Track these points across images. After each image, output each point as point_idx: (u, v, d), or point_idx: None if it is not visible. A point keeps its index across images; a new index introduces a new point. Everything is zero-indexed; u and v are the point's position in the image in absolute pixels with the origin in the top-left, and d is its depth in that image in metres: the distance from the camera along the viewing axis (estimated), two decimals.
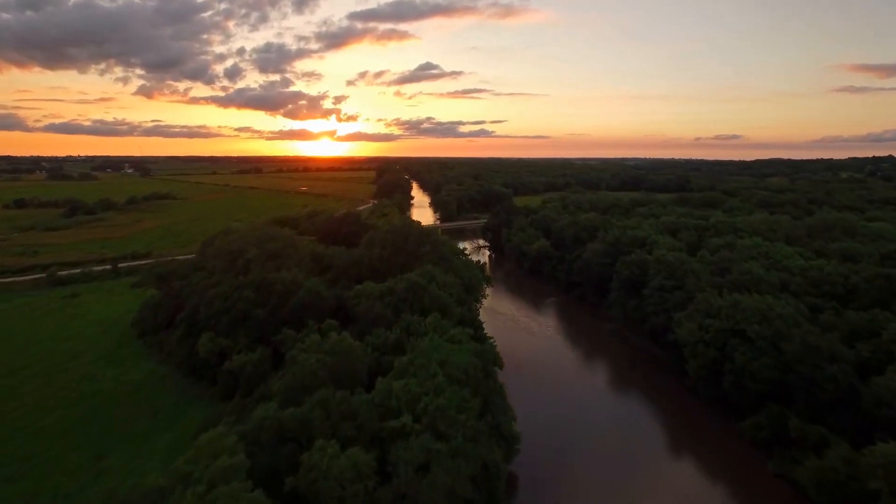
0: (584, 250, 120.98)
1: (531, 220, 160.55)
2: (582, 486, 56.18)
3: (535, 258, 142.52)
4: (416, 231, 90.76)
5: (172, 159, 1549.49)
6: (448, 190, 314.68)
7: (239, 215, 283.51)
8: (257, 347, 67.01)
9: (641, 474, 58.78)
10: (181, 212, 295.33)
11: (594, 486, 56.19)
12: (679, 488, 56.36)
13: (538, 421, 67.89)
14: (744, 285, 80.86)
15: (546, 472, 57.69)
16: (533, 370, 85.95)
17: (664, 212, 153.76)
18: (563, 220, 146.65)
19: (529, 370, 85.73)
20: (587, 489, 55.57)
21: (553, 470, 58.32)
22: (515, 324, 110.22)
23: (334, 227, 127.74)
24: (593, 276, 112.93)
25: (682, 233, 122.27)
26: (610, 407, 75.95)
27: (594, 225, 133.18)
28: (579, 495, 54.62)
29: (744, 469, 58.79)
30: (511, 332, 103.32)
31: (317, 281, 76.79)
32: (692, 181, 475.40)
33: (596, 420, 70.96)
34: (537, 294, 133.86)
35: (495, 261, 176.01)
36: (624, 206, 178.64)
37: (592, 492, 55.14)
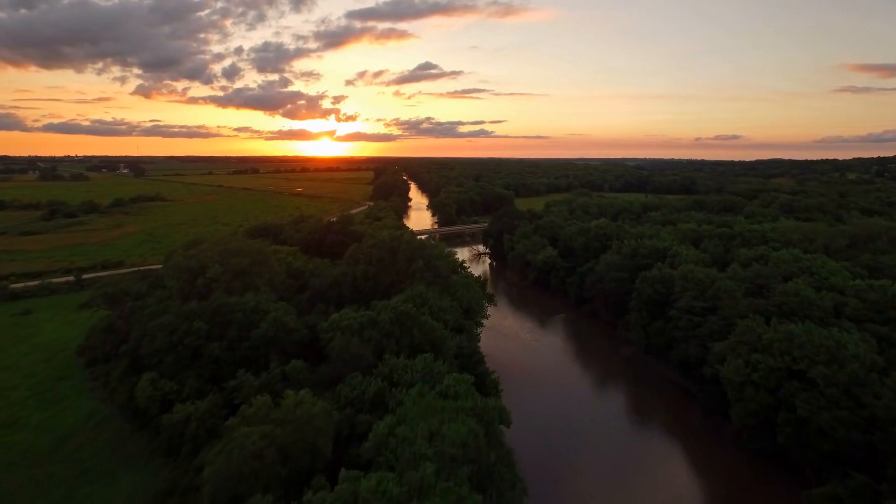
0: (597, 263, 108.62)
1: (536, 227, 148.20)
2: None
3: (540, 268, 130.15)
4: (407, 244, 78.29)
5: (170, 159, 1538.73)
6: (447, 192, 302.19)
7: (227, 218, 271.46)
8: (210, 391, 54.67)
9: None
10: (168, 215, 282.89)
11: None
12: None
13: (548, 467, 55.62)
14: (792, 310, 68.53)
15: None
16: (541, 402, 73.63)
17: (680, 218, 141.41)
18: (572, 228, 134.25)
19: (538, 403, 73.45)
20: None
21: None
22: (520, 344, 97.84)
23: (319, 237, 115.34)
24: (608, 293, 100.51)
25: (705, 242, 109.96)
26: (636, 454, 63.52)
27: (607, 233, 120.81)
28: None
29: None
30: (516, 354, 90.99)
31: (286, 307, 64.37)
32: (698, 182, 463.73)
33: (619, 471, 58.62)
34: (544, 309, 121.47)
35: (497, 270, 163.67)
36: (635, 210, 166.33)
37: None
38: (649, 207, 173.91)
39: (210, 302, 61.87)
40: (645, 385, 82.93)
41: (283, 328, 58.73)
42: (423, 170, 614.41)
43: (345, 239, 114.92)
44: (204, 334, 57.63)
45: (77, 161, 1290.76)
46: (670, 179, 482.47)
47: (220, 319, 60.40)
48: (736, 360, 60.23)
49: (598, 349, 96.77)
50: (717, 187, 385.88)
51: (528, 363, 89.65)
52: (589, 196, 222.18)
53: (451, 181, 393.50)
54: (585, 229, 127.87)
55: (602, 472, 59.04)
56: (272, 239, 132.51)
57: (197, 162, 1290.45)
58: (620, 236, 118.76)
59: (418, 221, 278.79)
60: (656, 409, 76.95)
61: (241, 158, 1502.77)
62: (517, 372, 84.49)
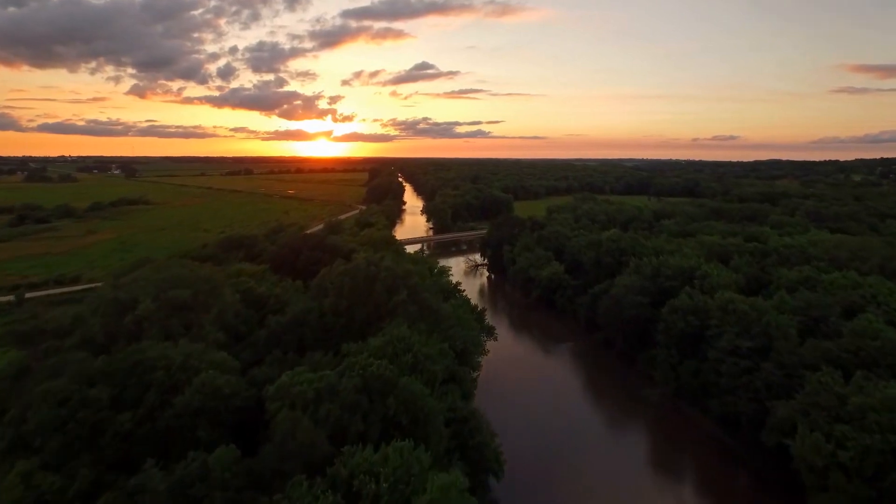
0: (611, 283, 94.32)
1: (539, 237, 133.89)
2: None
3: (545, 286, 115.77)
4: (388, 272, 63.74)
5: (165, 160, 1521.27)
6: (443, 195, 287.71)
7: (210, 224, 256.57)
8: (110, 485, 40.10)
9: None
10: (148, 220, 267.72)
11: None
12: None
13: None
14: (873, 358, 54.29)
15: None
16: (549, 452, 59.27)
17: (700, 228, 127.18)
18: (580, 240, 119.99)
19: (544, 453, 59.13)
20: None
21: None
22: (523, 379, 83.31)
23: (292, 253, 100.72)
24: (626, 321, 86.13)
25: (735, 260, 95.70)
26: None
27: (620, 247, 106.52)
28: None
29: None
30: (517, 391, 76.52)
31: (225, 361, 49.69)
32: (701, 184, 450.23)
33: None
34: (549, 334, 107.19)
35: (495, 283, 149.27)
36: (646, 219, 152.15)
37: None
38: (662, 215, 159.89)
39: (123, 356, 47.16)
40: (676, 437, 68.67)
41: (218, 394, 44.17)
42: (419, 171, 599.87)
43: (322, 255, 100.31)
44: (107, 404, 42.97)
45: (70, 161, 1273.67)
46: (672, 181, 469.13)
47: (136, 381, 45.78)
48: (812, 434, 45.89)
49: (615, 389, 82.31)
50: (722, 190, 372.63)
51: (532, 403, 75.29)
52: (594, 201, 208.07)
53: (447, 183, 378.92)
54: (596, 242, 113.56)
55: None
56: (245, 252, 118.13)
57: (192, 163, 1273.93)
58: (637, 251, 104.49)
59: (412, 227, 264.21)
60: (690, 468, 62.94)
61: (238, 159, 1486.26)
62: (518, 414, 70.21)
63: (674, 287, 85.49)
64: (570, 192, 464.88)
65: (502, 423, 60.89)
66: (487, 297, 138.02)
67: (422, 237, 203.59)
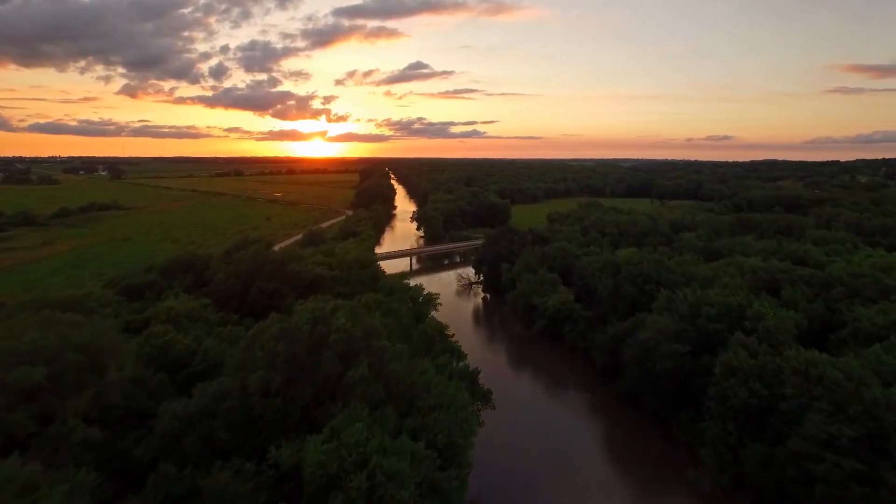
0: (638, 323, 75.88)
1: (542, 255, 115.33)
2: None
3: (551, 316, 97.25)
4: (341, 336, 44.80)
5: (157, 160, 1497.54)
6: (434, 200, 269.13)
7: (183, 232, 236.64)
8: None
9: None
10: (116, 227, 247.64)
11: None
12: None
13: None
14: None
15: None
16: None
17: (731, 245, 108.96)
18: (593, 260, 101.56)
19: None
20: None
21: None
22: (522, 447, 64.60)
23: (241, 283, 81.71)
24: (660, 376, 67.63)
25: (787, 291, 77.54)
26: None
27: (643, 273, 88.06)
28: None
29: None
30: (518, 462, 57.88)
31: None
32: (704, 186, 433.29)
33: None
34: (555, 377, 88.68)
35: (491, 305, 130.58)
36: (663, 231, 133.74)
37: None
38: (680, 226, 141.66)
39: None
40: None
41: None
42: (412, 172, 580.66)
43: (278, 287, 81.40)
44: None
45: (59, 162, 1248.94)
46: (674, 183, 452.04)
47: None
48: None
49: (647, 466, 63.66)
50: (729, 193, 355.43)
51: (534, 480, 56.73)
52: (600, 209, 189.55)
53: (440, 186, 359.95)
54: (612, 265, 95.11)
55: None
56: (194, 277, 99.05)
57: (185, 163, 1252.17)
58: (665, 279, 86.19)
59: (402, 235, 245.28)
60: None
61: (232, 160, 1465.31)
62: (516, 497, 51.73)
63: (719, 331, 67.35)
64: (568, 195, 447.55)
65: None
66: (482, 322, 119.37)
67: (409, 250, 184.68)
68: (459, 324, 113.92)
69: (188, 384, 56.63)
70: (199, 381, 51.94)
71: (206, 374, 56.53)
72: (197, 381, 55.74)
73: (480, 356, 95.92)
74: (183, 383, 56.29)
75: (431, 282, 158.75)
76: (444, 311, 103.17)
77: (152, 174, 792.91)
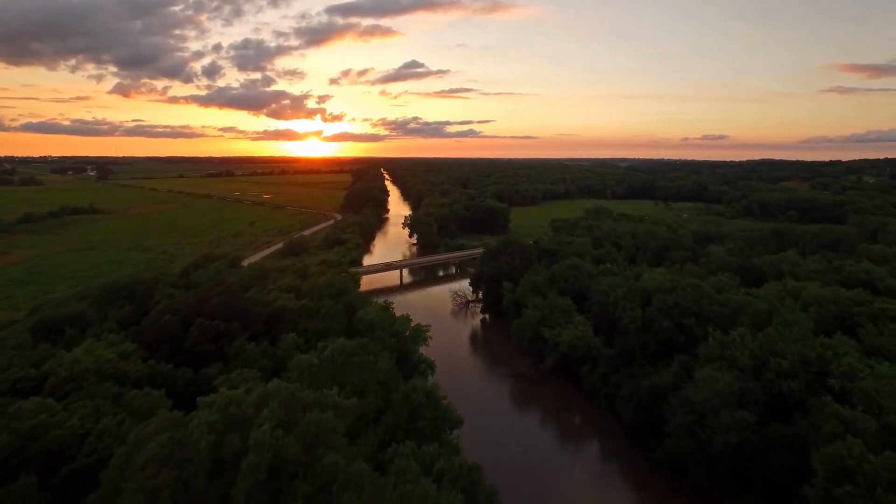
0: (684, 376, 59.51)
1: (552, 274, 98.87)
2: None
3: (565, 353, 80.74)
4: (261, 447, 28.12)
5: (150, 160, 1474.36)
6: (429, 204, 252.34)
7: (157, 240, 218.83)
8: None
9: None
10: (83, 234, 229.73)
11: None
12: None
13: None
14: None
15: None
16: None
17: (773, 263, 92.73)
18: (613, 284, 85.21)
19: None
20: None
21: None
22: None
23: (181, 318, 64.76)
24: (718, 451, 51.17)
25: (868, 330, 61.39)
26: None
27: (679, 303, 71.74)
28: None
29: None
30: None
31: None
32: (709, 187, 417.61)
33: None
34: (577, 436, 72.29)
35: (491, 328, 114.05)
36: (686, 244, 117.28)
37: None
38: (705, 237, 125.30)
39: None
40: None
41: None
42: (407, 173, 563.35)
43: (228, 324, 64.58)
44: None
45: (50, 162, 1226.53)
46: (678, 184, 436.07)
47: None
48: None
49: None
50: (738, 195, 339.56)
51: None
52: (610, 216, 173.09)
53: (435, 188, 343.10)
54: (639, 291, 78.81)
55: None
56: (135, 306, 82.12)
57: (179, 163, 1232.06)
58: (706, 311, 70.00)
59: (395, 242, 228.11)
60: None
61: (226, 159, 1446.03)
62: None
63: (795, 391, 51.26)
64: (568, 197, 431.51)
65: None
66: (481, 352, 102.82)
67: (399, 262, 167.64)
68: (454, 354, 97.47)
69: (70, 486, 40.11)
70: (85, 480, 35.68)
71: (96, 469, 39.79)
72: (82, 480, 39.44)
73: (478, 398, 79.54)
74: (60, 488, 39.65)
75: (423, 298, 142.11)
76: (437, 337, 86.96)
77: (142, 174, 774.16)
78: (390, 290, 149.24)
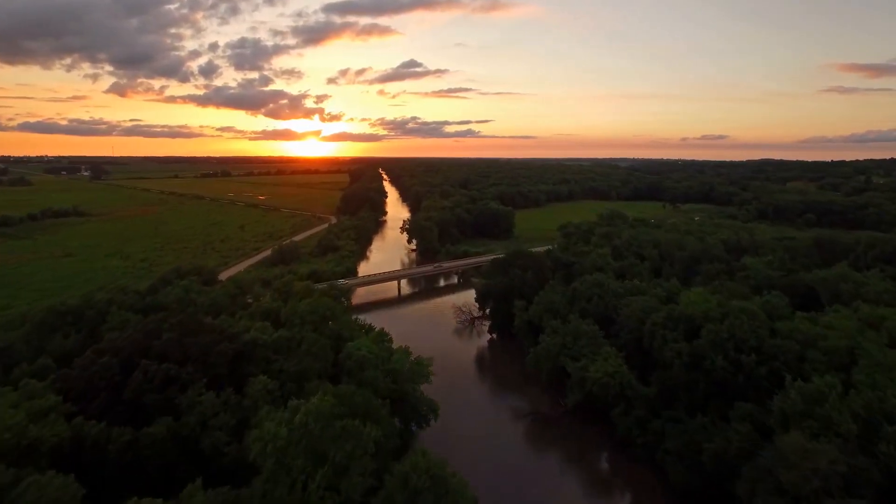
0: (758, 443, 46.84)
1: (573, 293, 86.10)
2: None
3: (592, 391, 67.94)
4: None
5: (147, 160, 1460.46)
6: (428, 206, 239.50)
7: (141, 245, 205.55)
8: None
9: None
10: (63, 239, 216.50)
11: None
12: None
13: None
14: None
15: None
16: None
17: (831, 281, 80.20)
18: (646, 306, 72.60)
19: None
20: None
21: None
22: None
23: (122, 362, 51.78)
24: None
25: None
26: None
27: (737, 336, 59.13)
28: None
29: None
30: None
31: None
32: (717, 189, 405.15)
33: None
34: (611, 491, 59.67)
35: (500, 350, 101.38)
36: (717, 254, 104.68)
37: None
38: (736, 247, 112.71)
39: None
40: None
41: None
42: (405, 174, 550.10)
43: (179, 368, 51.63)
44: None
45: (45, 162, 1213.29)
46: (685, 185, 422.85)
47: None
48: None
49: None
50: (751, 196, 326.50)
51: None
52: (626, 222, 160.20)
53: (434, 189, 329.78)
54: (681, 319, 66.24)
55: None
56: (86, 334, 69.40)
57: (177, 163, 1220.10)
58: (768, 347, 57.44)
59: (392, 247, 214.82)
60: None
61: (224, 159, 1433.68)
62: None
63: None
64: (572, 198, 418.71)
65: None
66: (490, 381, 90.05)
67: (397, 272, 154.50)
68: (459, 384, 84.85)
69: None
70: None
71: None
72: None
73: (488, 443, 66.99)
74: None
75: (424, 313, 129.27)
76: (439, 360, 74.94)
77: (137, 175, 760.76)
78: (388, 303, 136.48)
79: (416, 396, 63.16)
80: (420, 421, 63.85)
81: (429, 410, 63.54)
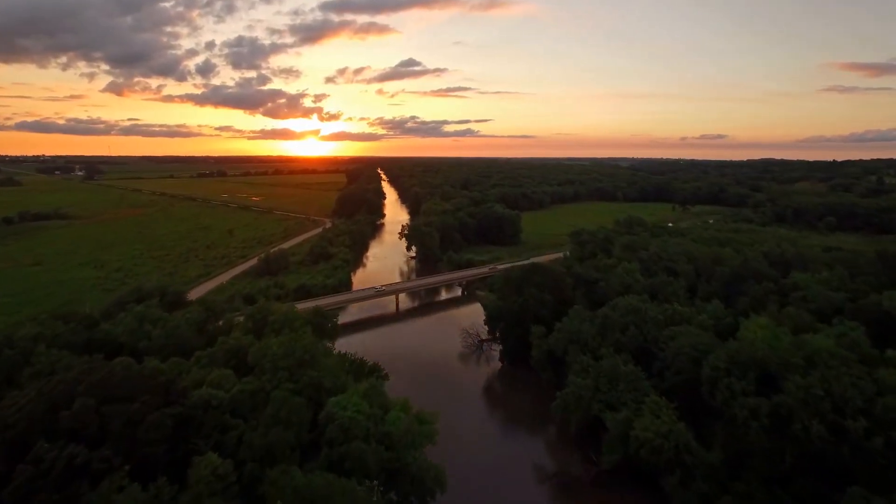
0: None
1: (603, 320, 72.24)
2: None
3: (640, 454, 54.12)
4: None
5: (144, 159, 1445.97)
6: (429, 211, 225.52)
7: (122, 251, 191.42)
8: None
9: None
10: (36, 245, 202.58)
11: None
12: None
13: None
14: None
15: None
16: None
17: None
18: (699, 347, 59.00)
19: None
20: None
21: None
22: None
23: (8, 444, 37.92)
24: None
25: None
26: None
27: (836, 394, 45.39)
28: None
29: None
30: None
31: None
32: (727, 190, 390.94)
33: None
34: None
35: (514, 383, 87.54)
36: (761, 270, 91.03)
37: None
38: (780, 261, 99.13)
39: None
40: None
41: None
42: (404, 173, 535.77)
43: (89, 451, 37.63)
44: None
45: (43, 161, 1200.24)
46: (693, 187, 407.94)
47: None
48: None
49: None
50: (766, 198, 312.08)
51: None
52: (647, 229, 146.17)
53: (434, 190, 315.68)
54: (750, 364, 52.57)
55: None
56: (4, 375, 55.48)
57: (175, 163, 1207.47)
58: (875, 406, 43.76)
59: (391, 253, 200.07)
60: None
61: (223, 159, 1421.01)
62: None
63: None
64: (577, 200, 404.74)
65: None
66: (503, 426, 76.07)
67: (393, 286, 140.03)
68: (467, 426, 71.00)
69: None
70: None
71: None
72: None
73: None
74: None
75: (424, 332, 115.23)
76: (442, 392, 61.65)
77: (131, 175, 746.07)
78: (384, 320, 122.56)
79: (416, 464, 49.39)
80: (424, 494, 50.16)
81: (433, 482, 49.79)
